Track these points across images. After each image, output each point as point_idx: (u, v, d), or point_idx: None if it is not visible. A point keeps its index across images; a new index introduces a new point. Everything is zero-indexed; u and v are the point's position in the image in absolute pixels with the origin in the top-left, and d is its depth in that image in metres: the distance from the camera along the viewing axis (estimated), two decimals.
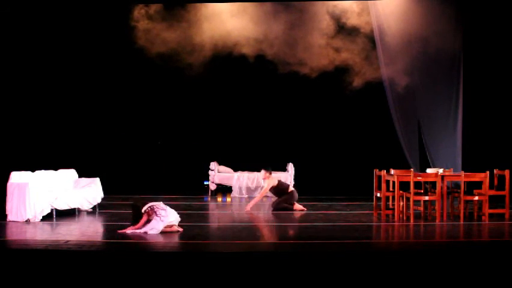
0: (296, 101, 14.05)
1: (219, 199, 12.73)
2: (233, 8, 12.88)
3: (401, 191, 9.56)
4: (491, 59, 12.55)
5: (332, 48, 12.97)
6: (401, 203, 9.64)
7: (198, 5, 13.01)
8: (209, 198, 12.88)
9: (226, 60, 13.41)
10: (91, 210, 10.49)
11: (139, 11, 13.11)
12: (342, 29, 12.95)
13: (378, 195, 9.95)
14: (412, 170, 10.18)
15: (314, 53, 13.08)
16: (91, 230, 8.85)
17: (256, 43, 13.02)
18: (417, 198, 9.50)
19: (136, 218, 8.37)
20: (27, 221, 9.19)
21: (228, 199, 12.77)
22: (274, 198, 11.25)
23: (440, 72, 12.66)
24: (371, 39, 12.92)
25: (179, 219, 8.44)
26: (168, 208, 8.38)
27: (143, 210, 8.32)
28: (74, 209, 10.13)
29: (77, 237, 7.99)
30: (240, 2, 12.80)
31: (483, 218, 9.50)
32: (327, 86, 13.52)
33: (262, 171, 11.06)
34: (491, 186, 9.70)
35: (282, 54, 13.21)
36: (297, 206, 10.78)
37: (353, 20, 12.81)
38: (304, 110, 14.16)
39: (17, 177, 9.47)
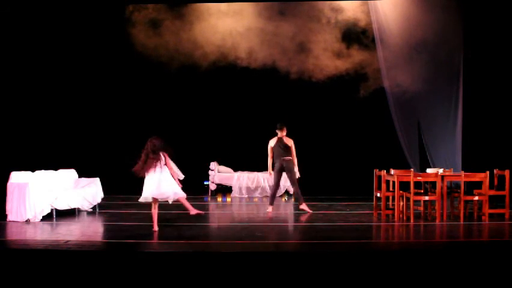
0: (296, 102, 14.05)
1: (219, 199, 12.72)
2: (235, 9, 12.90)
3: (401, 191, 9.56)
4: (491, 59, 12.55)
5: (333, 50, 12.99)
6: (401, 203, 9.64)
7: (203, 5, 13.02)
8: (209, 198, 12.88)
9: (227, 61, 13.40)
10: (91, 210, 10.49)
11: (142, 11, 13.13)
12: (343, 29, 13.00)
13: (378, 195, 9.96)
14: (412, 170, 10.18)
15: (315, 56, 13.10)
16: (91, 230, 8.85)
17: (256, 45, 13.05)
18: (417, 198, 9.50)
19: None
20: (27, 221, 9.19)
21: (228, 199, 12.77)
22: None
23: (440, 72, 12.66)
24: (373, 40, 12.95)
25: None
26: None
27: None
28: (74, 209, 10.13)
29: (77, 237, 7.99)
30: (241, 2, 12.82)
31: (483, 218, 9.50)
32: (326, 88, 13.52)
33: (280, 130, 10.33)
34: (491, 186, 9.70)
35: (282, 56, 13.24)
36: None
37: (352, 19, 12.85)
38: (304, 110, 14.16)
39: (17, 177, 9.48)
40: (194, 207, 8.51)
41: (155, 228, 8.47)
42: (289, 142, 10.44)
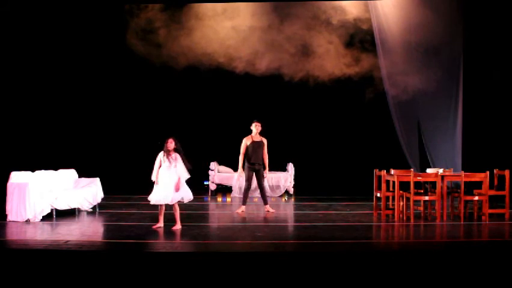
0: (295, 102, 14.05)
1: (219, 199, 12.72)
2: (236, 10, 12.90)
3: (401, 191, 9.56)
4: (491, 59, 12.56)
5: (336, 52, 13.00)
6: (401, 203, 9.64)
7: (203, 7, 13.01)
8: (209, 198, 12.88)
9: (228, 62, 13.40)
10: (91, 210, 10.49)
11: (140, 14, 13.14)
12: (347, 31, 13.01)
13: (378, 195, 9.96)
14: (412, 170, 10.18)
15: (317, 58, 13.11)
16: (91, 230, 8.85)
17: (258, 46, 13.06)
18: (417, 198, 9.50)
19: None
20: (27, 221, 9.19)
21: (228, 199, 12.76)
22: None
23: (440, 72, 12.67)
24: (372, 40, 12.95)
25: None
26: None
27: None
28: (74, 209, 10.13)
29: (77, 237, 7.99)
30: (243, 3, 12.81)
31: (483, 218, 9.50)
32: (327, 89, 13.51)
33: (255, 124, 10.73)
34: (491, 186, 9.70)
35: (283, 58, 13.24)
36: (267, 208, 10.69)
37: (356, 21, 12.87)
38: (304, 110, 14.16)
39: (17, 177, 9.47)
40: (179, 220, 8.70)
41: (160, 224, 8.57)
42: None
